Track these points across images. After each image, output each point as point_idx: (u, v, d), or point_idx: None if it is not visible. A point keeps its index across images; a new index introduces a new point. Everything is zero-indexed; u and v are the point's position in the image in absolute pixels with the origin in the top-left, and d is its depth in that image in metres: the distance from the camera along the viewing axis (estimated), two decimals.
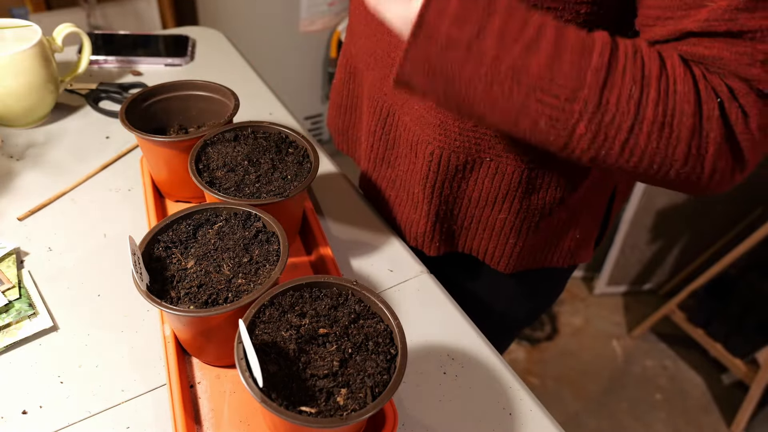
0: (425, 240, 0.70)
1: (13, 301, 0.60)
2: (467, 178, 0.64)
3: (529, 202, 0.64)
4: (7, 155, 0.79)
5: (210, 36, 1.13)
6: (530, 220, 0.66)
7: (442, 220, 0.68)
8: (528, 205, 0.64)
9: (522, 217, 0.65)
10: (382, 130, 0.69)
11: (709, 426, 1.68)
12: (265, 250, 0.54)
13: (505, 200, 0.64)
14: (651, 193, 1.72)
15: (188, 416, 0.50)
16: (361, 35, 0.69)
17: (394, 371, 0.44)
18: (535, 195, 0.64)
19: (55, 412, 0.52)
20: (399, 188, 0.71)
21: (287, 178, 0.62)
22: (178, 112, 0.75)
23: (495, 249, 0.69)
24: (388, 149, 0.70)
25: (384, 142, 0.70)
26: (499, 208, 0.65)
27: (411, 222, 0.71)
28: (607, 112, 0.43)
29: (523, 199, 0.64)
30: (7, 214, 0.70)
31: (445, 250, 0.72)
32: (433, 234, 0.69)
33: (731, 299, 1.69)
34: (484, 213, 0.66)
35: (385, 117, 0.68)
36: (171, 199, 0.74)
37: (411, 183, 0.68)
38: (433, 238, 0.70)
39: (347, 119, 0.79)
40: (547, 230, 0.68)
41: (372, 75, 0.69)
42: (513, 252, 0.68)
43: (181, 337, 0.55)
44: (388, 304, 0.48)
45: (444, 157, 0.62)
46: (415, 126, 0.64)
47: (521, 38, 0.42)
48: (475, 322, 0.63)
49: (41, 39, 0.80)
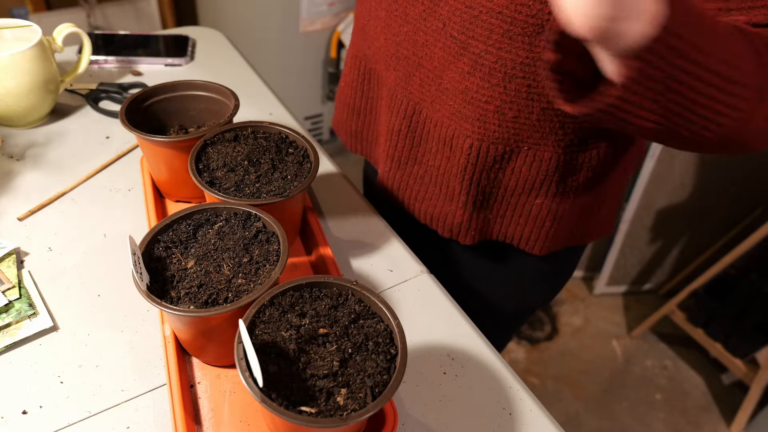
0: (461, 230, 0.72)
1: (13, 301, 0.60)
2: (504, 168, 0.65)
3: (565, 185, 0.66)
4: (7, 155, 0.79)
5: (210, 36, 1.13)
6: (566, 202, 0.67)
7: (479, 210, 0.69)
8: (564, 188, 0.66)
9: (558, 200, 0.67)
10: (407, 129, 0.70)
11: (709, 426, 1.68)
12: (265, 250, 0.54)
13: (543, 185, 0.65)
14: (651, 193, 1.72)
15: (188, 416, 0.50)
16: (379, 36, 0.69)
17: (394, 371, 0.44)
18: (570, 177, 0.65)
19: (55, 412, 0.52)
20: (429, 183, 0.72)
21: (287, 178, 0.62)
22: (178, 112, 0.75)
23: (531, 233, 0.70)
24: (414, 146, 0.71)
25: (410, 140, 0.71)
26: (536, 193, 0.66)
27: (446, 214, 0.72)
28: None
29: (560, 183, 0.65)
30: (7, 214, 0.70)
31: (480, 239, 0.73)
32: (470, 224, 0.70)
33: (731, 299, 1.69)
34: (520, 200, 0.67)
35: (411, 115, 0.68)
36: (171, 199, 0.74)
37: (445, 177, 0.69)
38: (469, 228, 0.71)
39: (362, 121, 0.79)
40: (580, 210, 0.70)
41: (395, 75, 0.69)
42: (548, 235, 0.70)
43: (181, 337, 0.55)
44: (388, 304, 0.48)
45: (483, 148, 0.63)
46: (449, 121, 0.65)
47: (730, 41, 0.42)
48: (493, 306, 0.63)
49: (41, 39, 0.80)
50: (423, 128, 0.69)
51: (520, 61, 0.56)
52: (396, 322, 0.47)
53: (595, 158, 0.65)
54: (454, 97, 0.63)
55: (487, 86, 0.60)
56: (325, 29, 2.01)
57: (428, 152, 0.70)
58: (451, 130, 0.65)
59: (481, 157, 0.64)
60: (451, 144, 0.66)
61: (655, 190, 1.72)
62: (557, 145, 0.62)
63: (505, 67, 0.57)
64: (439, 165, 0.69)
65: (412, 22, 0.63)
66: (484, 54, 0.58)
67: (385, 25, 0.67)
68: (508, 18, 0.54)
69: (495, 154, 0.64)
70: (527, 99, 0.59)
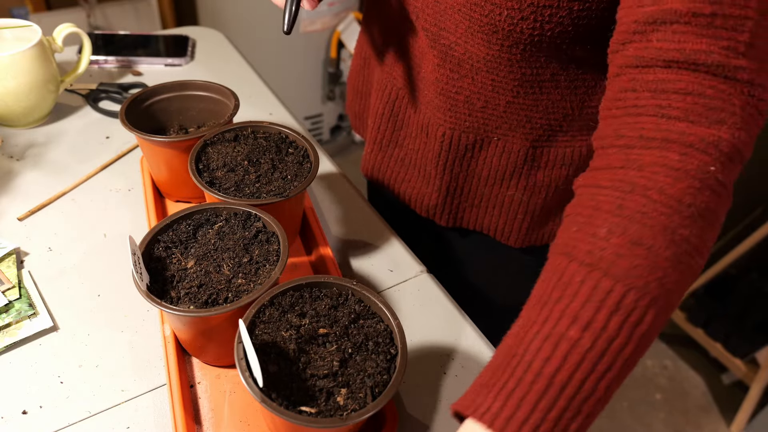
0: (437, 211, 0.74)
1: (13, 301, 0.60)
2: (476, 156, 0.67)
3: (536, 179, 0.67)
4: (7, 155, 0.79)
5: (210, 36, 1.13)
6: (537, 196, 0.68)
7: (453, 196, 0.71)
8: (534, 182, 0.67)
9: (529, 194, 0.68)
10: (390, 112, 0.73)
11: (709, 426, 1.68)
12: (265, 250, 0.54)
13: (513, 177, 0.67)
14: None
15: (188, 416, 0.50)
16: (374, 24, 0.72)
17: (394, 371, 0.44)
18: (540, 172, 0.66)
19: (55, 412, 0.52)
20: (408, 165, 0.75)
21: (287, 178, 0.62)
22: (178, 112, 0.75)
23: (504, 225, 0.72)
24: (396, 130, 0.74)
25: (392, 123, 0.73)
26: (507, 184, 0.68)
27: (423, 195, 0.74)
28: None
29: (530, 176, 0.66)
30: (7, 214, 0.70)
31: (456, 224, 0.75)
32: (444, 206, 0.73)
33: (731, 299, 1.68)
34: (493, 190, 0.69)
35: (394, 100, 0.71)
36: (171, 199, 0.74)
37: (423, 161, 0.72)
38: (443, 210, 0.73)
39: (362, 103, 0.83)
40: (554, 206, 0.70)
41: (382, 61, 0.72)
42: (522, 228, 0.71)
43: (181, 337, 0.55)
44: (388, 304, 0.48)
45: (455, 137, 0.65)
46: (426, 109, 0.67)
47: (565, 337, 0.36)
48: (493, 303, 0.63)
49: (41, 39, 0.80)
50: (405, 113, 0.71)
51: (482, 55, 0.58)
52: (396, 322, 0.47)
53: (569, 157, 0.65)
54: (429, 86, 0.65)
55: (456, 77, 0.61)
56: (325, 29, 2.01)
57: (408, 136, 0.72)
58: (427, 117, 0.68)
59: (453, 145, 0.66)
60: (427, 130, 0.69)
61: None
62: (525, 138, 0.64)
63: (472, 60, 0.59)
64: (417, 149, 0.72)
65: (395, 13, 0.65)
66: (454, 46, 0.59)
67: (378, 14, 0.70)
68: (467, 15, 0.56)
69: (467, 142, 0.66)
70: (493, 91, 0.61)
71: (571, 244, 0.38)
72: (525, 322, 0.38)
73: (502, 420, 0.34)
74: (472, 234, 0.77)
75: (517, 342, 0.37)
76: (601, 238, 0.37)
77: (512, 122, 0.63)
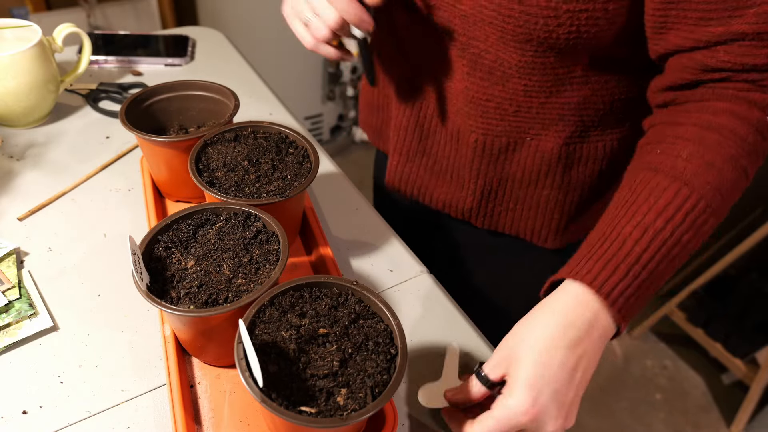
0: (472, 214, 0.74)
1: (13, 301, 0.60)
2: (510, 159, 0.67)
3: (570, 177, 0.67)
4: (7, 155, 0.79)
5: (210, 36, 1.13)
6: (572, 193, 0.69)
7: (488, 199, 0.72)
8: (569, 179, 0.67)
9: (564, 192, 0.68)
10: (415, 123, 0.72)
11: (709, 426, 1.68)
12: (265, 250, 0.54)
13: (548, 176, 0.67)
14: None
15: (188, 416, 0.50)
16: (391, 37, 0.71)
17: (394, 371, 0.44)
18: (574, 169, 0.67)
19: (55, 412, 0.52)
20: (439, 172, 0.74)
21: (287, 178, 0.62)
22: (178, 112, 0.75)
23: (542, 227, 0.72)
24: (422, 140, 0.73)
25: (418, 134, 0.73)
26: (542, 184, 0.68)
27: (458, 200, 0.74)
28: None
29: (564, 174, 0.67)
30: (7, 214, 0.70)
31: (492, 227, 0.75)
32: (479, 209, 0.73)
33: (731, 299, 1.68)
34: (528, 192, 0.69)
35: (419, 111, 0.71)
36: (171, 199, 0.74)
37: (455, 166, 0.72)
38: (479, 213, 0.73)
39: (380, 117, 0.82)
40: (589, 202, 0.71)
41: (401, 72, 0.71)
42: (559, 227, 0.71)
43: (181, 337, 0.55)
44: (388, 304, 0.48)
45: (488, 142, 0.66)
46: (455, 117, 0.67)
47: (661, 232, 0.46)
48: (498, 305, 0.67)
49: (41, 39, 0.80)
50: (431, 123, 0.71)
51: (515, 62, 0.57)
52: (396, 322, 0.47)
53: (602, 151, 0.66)
54: (457, 95, 0.65)
55: (487, 85, 0.61)
56: None
57: (436, 144, 0.72)
58: (456, 125, 0.67)
59: (487, 150, 0.66)
60: (457, 137, 0.68)
61: None
62: (558, 136, 0.64)
63: (503, 67, 0.59)
64: (448, 156, 0.71)
65: (417, 23, 0.64)
66: (484, 54, 0.59)
67: (394, 28, 0.68)
68: (499, 27, 0.55)
69: (500, 145, 0.65)
70: (525, 96, 0.60)
71: (657, 161, 0.49)
72: (614, 214, 0.48)
73: (599, 281, 0.45)
74: (502, 235, 0.76)
75: (610, 228, 0.47)
76: (683, 159, 0.47)
77: (545, 122, 0.63)
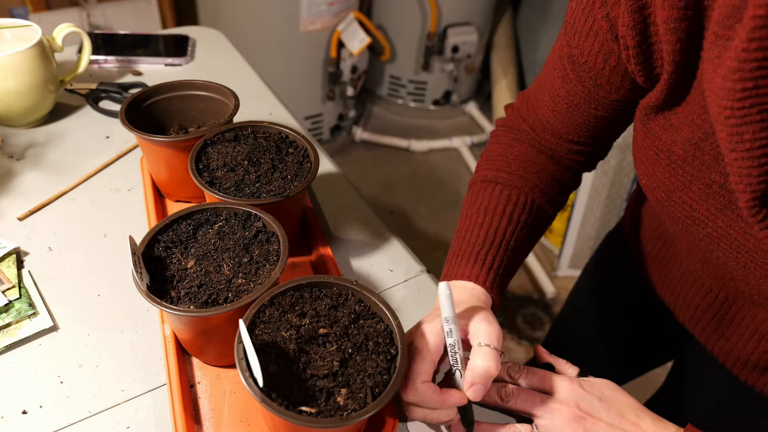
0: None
1: (13, 301, 0.60)
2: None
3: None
4: (7, 155, 0.79)
5: (210, 36, 1.13)
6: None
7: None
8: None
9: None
10: (716, 312, 0.64)
11: None
12: (265, 250, 0.54)
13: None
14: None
15: (188, 416, 0.50)
16: (680, 234, 0.59)
17: (394, 371, 0.44)
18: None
19: (55, 412, 0.52)
20: (738, 342, 0.64)
21: (287, 178, 0.62)
22: (178, 112, 0.75)
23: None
24: (722, 325, 0.65)
25: (717, 321, 0.65)
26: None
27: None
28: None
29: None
30: (7, 214, 0.70)
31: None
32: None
33: None
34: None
35: (722, 302, 0.63)
36: (171, 199, 0.74)
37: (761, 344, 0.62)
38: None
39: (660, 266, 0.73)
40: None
41: (698, 262, 0.62)
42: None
43: (181, 337, 0.55)
44: (388, 304, 0.48)
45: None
46: (765, 313, 0.59)
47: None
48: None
49: (41, 39, 0.80)
50: (734, 315, 0.62)
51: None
52: (396, 322, 0.47)
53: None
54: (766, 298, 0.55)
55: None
56: (325, 29, 2.01)
57: (737, 329, 0.63)
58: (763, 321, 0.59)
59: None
60: (762, 332, 0.60)
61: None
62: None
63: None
64: (745, 344, 0.63)
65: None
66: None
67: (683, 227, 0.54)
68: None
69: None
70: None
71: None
72: (460, 226, 0.59)
73: (474, 274, 0.54)
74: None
75: (459, 239, 0.58)
76: (500, 170, 0.60)
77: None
